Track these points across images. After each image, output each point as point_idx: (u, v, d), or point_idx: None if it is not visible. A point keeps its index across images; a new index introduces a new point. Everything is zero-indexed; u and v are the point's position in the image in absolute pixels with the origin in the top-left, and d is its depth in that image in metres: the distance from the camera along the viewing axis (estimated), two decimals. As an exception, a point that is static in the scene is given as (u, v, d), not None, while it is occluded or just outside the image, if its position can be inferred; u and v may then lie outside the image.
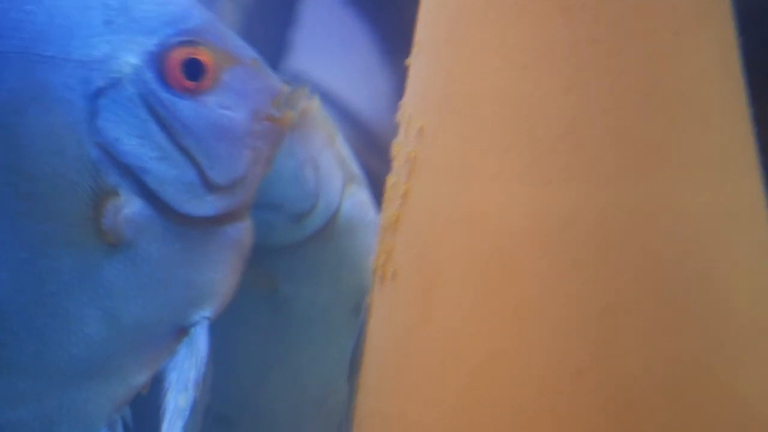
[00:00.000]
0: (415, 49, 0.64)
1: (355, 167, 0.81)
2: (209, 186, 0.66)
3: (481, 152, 0.60)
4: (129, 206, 0.65)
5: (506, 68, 0.58)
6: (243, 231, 0.68)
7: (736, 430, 0.56)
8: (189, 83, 0.66)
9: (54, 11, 0.65)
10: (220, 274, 0.67)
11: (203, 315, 0.67)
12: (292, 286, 0.78)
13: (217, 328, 0.68)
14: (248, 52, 0.68)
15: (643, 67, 0.57)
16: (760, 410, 0.57)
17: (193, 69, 0.66)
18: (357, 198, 0.80)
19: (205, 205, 0.66)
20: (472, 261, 0.59)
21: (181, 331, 0.67)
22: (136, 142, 0.65)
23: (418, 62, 0.64)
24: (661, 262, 0.56)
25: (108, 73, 0.65)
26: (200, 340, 0.67)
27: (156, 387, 0.68)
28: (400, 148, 0.65)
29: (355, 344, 0.71)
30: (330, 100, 1.01)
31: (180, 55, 0.66)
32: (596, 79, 0.57)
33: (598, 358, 0.56)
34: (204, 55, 0.66)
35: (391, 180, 0.66)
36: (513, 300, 0.58)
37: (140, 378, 0.68)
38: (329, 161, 0.78)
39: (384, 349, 0.65)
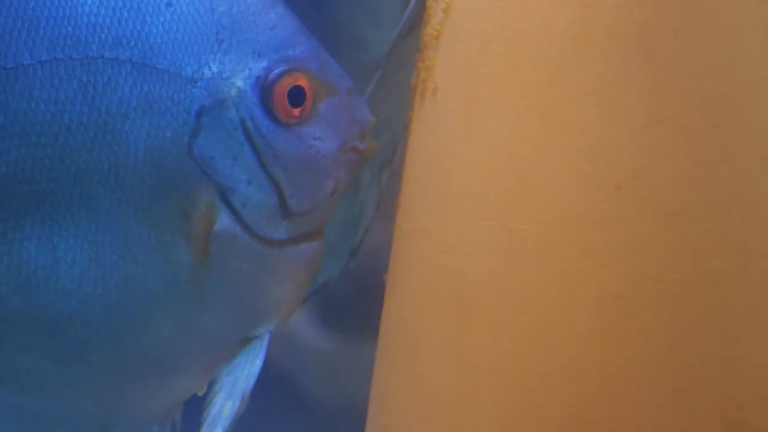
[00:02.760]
0: None
1: None
2: (287, 212, 0.68)
3: None
4: (218, 222, 0.67)
5: None
6: (316, 250, 0.70)
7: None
8: (289, 110, 0.68)
9: (172, 25, 0.66)
10: (289, 291, 0.70)
11: (267, 329, 0.70)
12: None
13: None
14: (346, 82, 0.70)
15: None
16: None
17: (295, 97, 0.68)
18: None
19: (280, 230, 0.68)
20: (516, 75, 0.58)
21: (244, 341, 0.70)
22: (230, 164, 0.67)
23: None
24: (706, 76, 0.55)
25: (214, 93, 0.66)
26: (258, 354, 0.69)
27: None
28: (442, -38, 0.63)
29: (389, 51, 0.72)
30: None
31: (284, 82, 0.67)
32: None
33: (639, 173, 0.56)
34: (305, 84, 0.68)
35: (433, -6, 0.64)
36: (555, 113, 0.57)
37: (199, 381, 0.71)
38: None
39: (424, 165, 0.64)
